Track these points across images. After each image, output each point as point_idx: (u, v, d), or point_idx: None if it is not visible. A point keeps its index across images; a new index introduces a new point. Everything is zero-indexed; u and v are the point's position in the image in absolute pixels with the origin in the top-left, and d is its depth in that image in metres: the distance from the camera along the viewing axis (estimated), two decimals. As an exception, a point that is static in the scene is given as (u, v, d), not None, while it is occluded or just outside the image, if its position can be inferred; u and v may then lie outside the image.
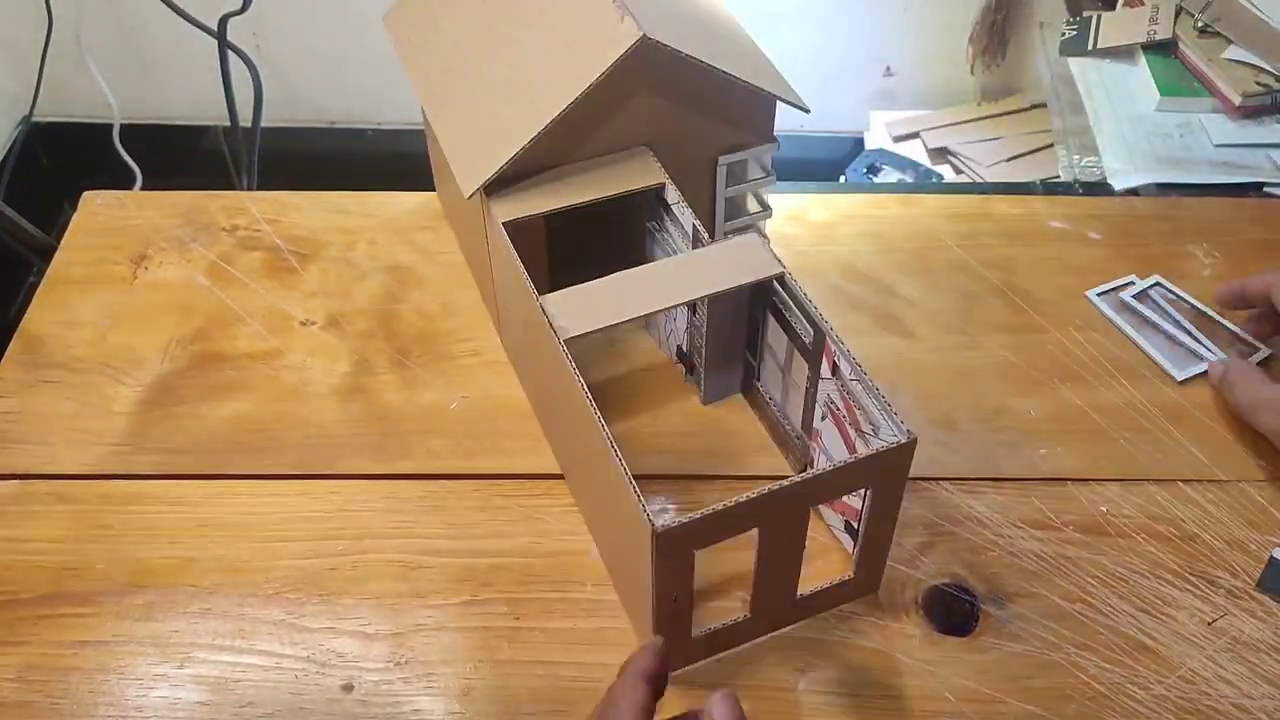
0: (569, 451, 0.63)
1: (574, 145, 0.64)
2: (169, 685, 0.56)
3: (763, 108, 0.67)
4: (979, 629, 0.59)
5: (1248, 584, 0.60)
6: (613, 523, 0.56)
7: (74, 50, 1.63)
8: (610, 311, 0.57)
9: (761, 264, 0.59)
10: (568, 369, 0.54)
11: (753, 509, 0.49)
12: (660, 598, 0.51)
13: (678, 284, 0.59)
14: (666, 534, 0.47)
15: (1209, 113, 1.08)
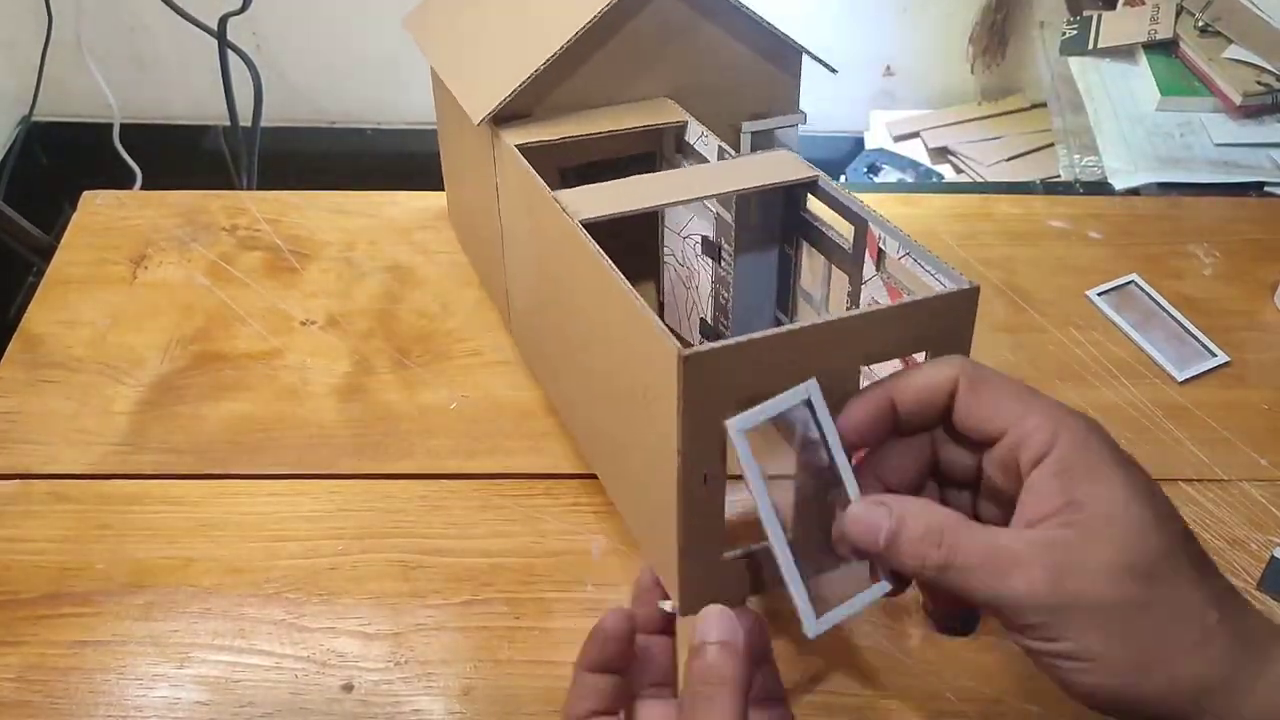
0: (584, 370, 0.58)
1: (593, 91, 0.61)
2: (169, 685, 0.56)
3: (789, 65, 0.65)
4: (981, 628, 0.58)
5: (1249, 583, 0.60)
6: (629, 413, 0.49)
7: (74, 50, 1.63)
8: (627, 201, 0.53)
9: (794, 170, 0.55)
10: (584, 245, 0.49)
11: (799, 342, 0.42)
12: (688, 471, 0.43)
13: (702, 183, 0.55)
14: (695, 358, 0.40)
15: (1209, 112, 1.08)
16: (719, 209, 0.61)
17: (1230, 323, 0.75)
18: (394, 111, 1.73)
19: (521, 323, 0.69)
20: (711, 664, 0.42)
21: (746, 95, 0.65)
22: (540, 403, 0.70)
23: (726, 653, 0.43)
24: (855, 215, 0.54)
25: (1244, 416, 0.69)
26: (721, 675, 0.42)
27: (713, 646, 0.43)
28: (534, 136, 0.59)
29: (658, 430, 0.44)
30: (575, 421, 0.63)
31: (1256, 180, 0.98)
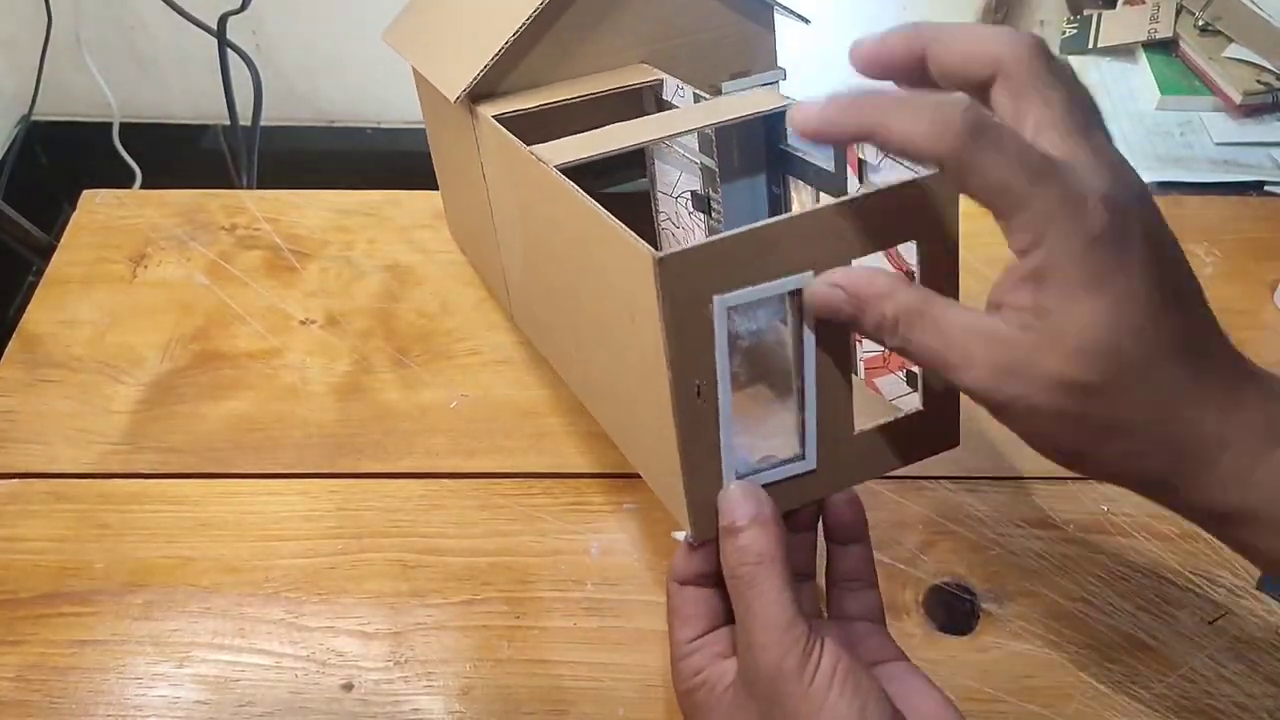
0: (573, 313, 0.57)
1: (564, 61, 0.61)
2: (168, 684, 0.56)
3: (762, 19, 0.65)
4: (980, 628, 0.58)
5: (1248, 583, 0.60)
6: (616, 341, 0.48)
7: (73, 49, 1.63)
8: (601, 145, 0.52)
9: (768, 100, 0.55)
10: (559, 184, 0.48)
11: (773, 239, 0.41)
12: (679, 383, 0.41)
13: (676, 122, 0.54)
14: (670, 260, 0.39)
15: (1210, 111, 1.08)
16: (702, 158, 0.60)
17: (1230, 322, 0.74)
18: (394, 111, 1.73)
19: (518, 297, 0.70)
20: (745, 544, 0.42)
21: (723, 55, 0.65)
22: (540, 402, 0.70)
23: (757, 528, 0.42)
24: None
25: (1244, 415, 0.69)
26: (759, 553, 0.42)
27: (738, 526, 0.42)
28: (510, 107, 0.59)
29: (646, 348, 0.43)
30: (574, 374, 0.62)
31: (1257, 179, 0.98)
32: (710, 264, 0.40)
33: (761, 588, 0.41)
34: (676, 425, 0.42)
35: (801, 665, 0.40)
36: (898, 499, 0.64)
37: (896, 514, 0.63)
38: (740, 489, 0.43)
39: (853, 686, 0.40)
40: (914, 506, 0.64)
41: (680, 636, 0.45)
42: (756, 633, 0.41)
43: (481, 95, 0.61)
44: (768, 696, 0.40)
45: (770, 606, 0.41)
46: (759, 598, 0.41)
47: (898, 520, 0.63)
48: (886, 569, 0.61)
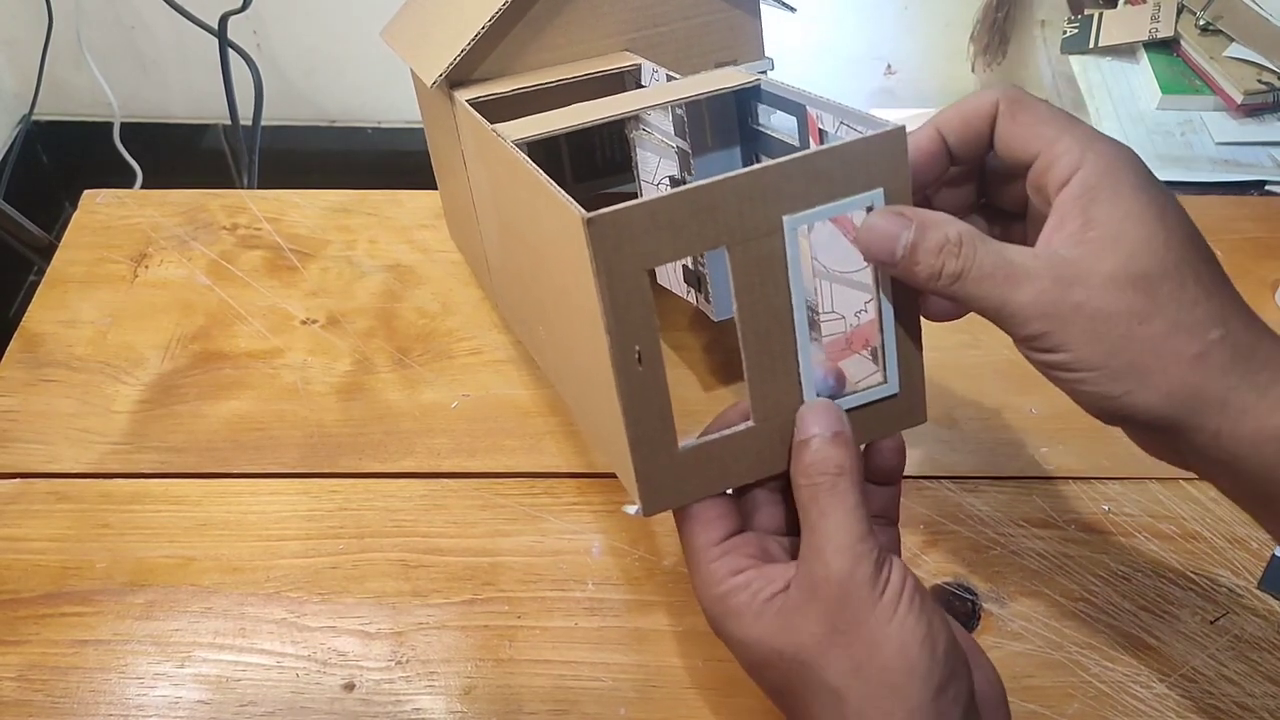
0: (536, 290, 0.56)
1: (545, 48, 0.62)
2: (170, 684, 0.56)
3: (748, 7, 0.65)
4: (981, 628, 0.58)
5: (1250, 582, 0.60)
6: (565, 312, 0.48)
7: (74, 49, 1.63)
8: (562, 121, 0.52)
9: (736, 78, 0.54)
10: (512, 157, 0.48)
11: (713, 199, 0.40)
12: (619, 349, 0.41)
13: (641, 100, 0.55)
14: (600, 220, 0.38)
15: (1210, 111, 1.08)
16: (677, 141, 0.61)
17: (1231, 321, 0.75)
18: (395, 110, 1.73)
19: (498, 282, 0.70)
20: (823, 456, 0.42)
21: (707, 43, 0.65)
22: (541, 402, 0.70)
23: (837, 442, 0.43)
24: (793, 104, 0.52)
25: (1245, 415, 0.69)
26: (838, 464, 0.42)
27: (818, 439, 0.43)
28: (485, 91, 0.59)
29: (588, 316, 0.42)
30: (546, 357, 0.61)
31: (1257, 179, 0.98)
32: (644, 225, 0.39)
33: (842, 495, 0.41)
34: (619, 393, 0.41)
35: (874, 577, 0.40)
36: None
37: (897, 514, 0.63)
38: (820, 404, 0.44)
39: (919, 603, 0.41)
40: (914, 506, 0.64)
41: (705, 539, 0.44)
42: (832, 539, 0.41)
43: (459, 81, 0.61)
44: (836, 601, 0.40)
45: (849, 515, 0.41)
46: (838, 505, 0.41)
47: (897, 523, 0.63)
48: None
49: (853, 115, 0.48)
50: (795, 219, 0.42)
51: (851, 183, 0.42)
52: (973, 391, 0.70)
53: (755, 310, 0.42)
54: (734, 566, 0.43)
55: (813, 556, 0.41)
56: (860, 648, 0.40)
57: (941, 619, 0.42)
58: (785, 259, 0.42)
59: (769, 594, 0.42)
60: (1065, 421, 0.68)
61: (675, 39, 0.64)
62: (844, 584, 0.40)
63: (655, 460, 0.43)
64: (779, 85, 0.53)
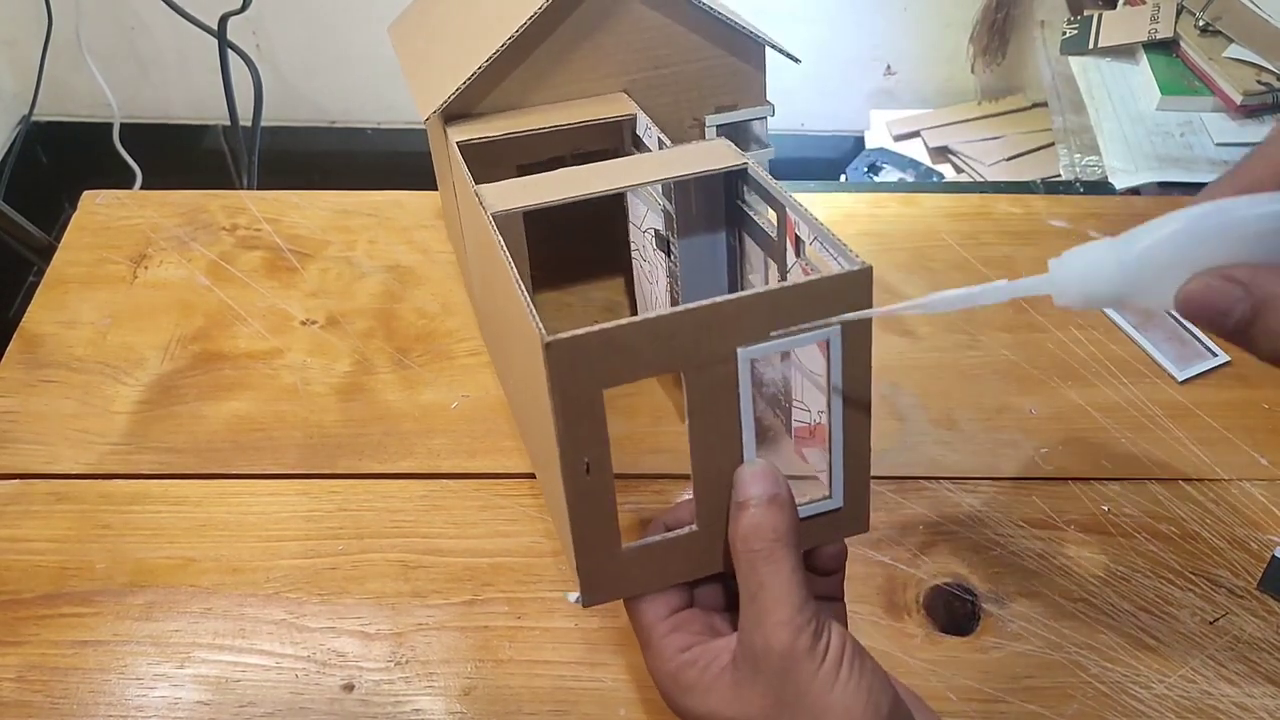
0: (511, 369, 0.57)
1: (544, 86, 0.62)
2: (169, 685, 0.56)
3: (750, 57, 0.65)
4: (980, 628, 0.59)
5: (1249, 583, 0.60)
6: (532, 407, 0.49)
7: (74, 49, 1.63)
8: (545, 193, 0.53)
9: (723, 157, 0.55)
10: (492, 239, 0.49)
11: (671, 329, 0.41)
12: (568, 460, 0.42)
13: (628, 174, 0.55)
14: (558, 345, 0.40)
15: (1210, 111, 1.08)
16: (664, 201, 0.61)
17: (1231, 322, 0.75)
18: (394, 111, 1.73)
19: (481, 316, 0.70)
20: (759, 521, 0.42)
21: (708, 88, 0.65)
22: (540, 402, 0.70)
23: (774, 505, 0.42)
24: (775, 202, 0.53)
25: (1244, 416, 0.69)
26: (775, 529, 0.42)
27: (754, 502, 0.43)
28: (479, 133, 0.59)
29: (545, 418, 0.43)
30: (517, 417, 0.63)
31: (1257, 179, 0.98)
32: (602, 350, 0.40)
33: (778, 564, 0.41)
34: (566, 500, 0.43)
35: (813, 645, 0.41)
36: (898, 499, 0.64)
37: (896, 514, 0.63)
38: (758, 467, 0.44)
39: (860, 668, 0.41)
40: (914, 506, 0.64)
41: (654, 616, 0.45)
42: (770, 610, 0.41)
43: (456, 115, 0.61)
44: (778, 674, 0.41)
45: (786, 584, 0.41)
46: (775, 575, 0.41)
47: (898, 520, 0.63)
48: (887, 569, 0.61)
49: (827, 236, 0.47)
50: (749, 351, 0.43)
51: (810, 317, 0.43)
52: (973, 391, 0.70)
53: (705, 428, 0.44)
54: (682, 644, 0.44)
55: (753, 629, 0.42)
56: (805, 717, 0.40)
57: (883, 681, 0.42)
58: (737, 386, 0.43)
59: (717, 669, 0.43)
60: (1064, 422, 0.68)
61: (676, 81, 0.64)
62: (785, 657, 0.41)
63: (597, 559, 0.45)
64: (764, 178, 0.54)
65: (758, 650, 0.41)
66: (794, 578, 0.41)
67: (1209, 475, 0.66)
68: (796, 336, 0.43)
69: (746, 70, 0.65)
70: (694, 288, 0.62)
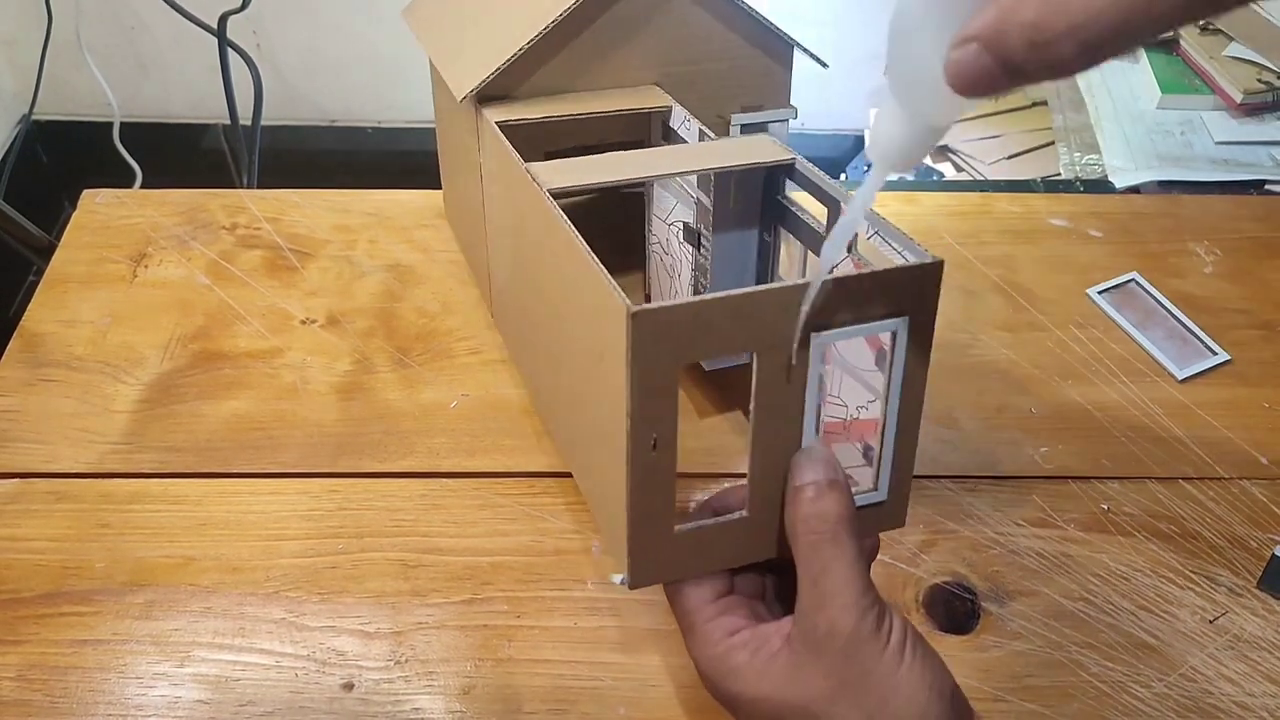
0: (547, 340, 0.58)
1: (578, 75, 0.62)
2: (169, 684, 0.56)
3: (780, 57, 0.65)
4: (980, 627, 0.58)
5: (1249, 582, 0.60)
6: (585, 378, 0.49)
7: (74, 48, 1.63)
8: (597, 174, 0.53)
9: (771, 152, 0.55)
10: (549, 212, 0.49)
11: (752, 306, 0.41)
12: (637, 434, 0.42)
13: (676, 161, 0.55)
14: (644, 315, 0.40)
15: (1210, 110, 1.08)
16: (699, 194, 0.61)
17: (1231, 321, 0.75)
18: (395, 110, 1.73)
19: (500, 302, 0.70)
20: (821, 506, 0.42)
21: (737, 86, 0.65)
22: (540, 401, 0.70)
23: (834, 490, 0.43)
24: (829, 197, 0.53)
25: (1245, 415, 0.69)
26: (838, 514, 0.42)
27: (813, 487, 0.43)
28: (515, 115, 0.60)
29: (609, 392, 0.43)
30: (541, 400, 0.63)
31: (1257, 178, 0.98)
32: (684, 324, 0.40)
33: (843, 548, 0.41)
34: (629, 474, 0.43)
35: (877, 628, 0.41)
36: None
37: (897, 513, 0.63)
38: (818, 452, 0.44)
39: (923, 653, 0.41)
40: (914, 506, 0.63)
41: (699, 600, 0.45)
42: (835, 594, 0.41)
43: (490, 97, 0.60)
44: (842, 656, 0.41)
45: (850, 569, 0.41)
46: (839, 558, 0.41)
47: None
48: (887, 568, 0.61)
49: (888, 229, 0.48)
50: (823, 337, 0.43)
51: (882, 307, 0.43)
52: (973, 391, 0.70)
53: (769, 412, 0.44)
54: (730, 626, 0.44)
55: (815, 611, 0.41)
56: (870, 698, 0.40)
57: (943, 665, 0.42)
58: (806, 371, 0.43)
59: (769, 653, 0.43)
60: (1064, 421, 0.68)
61: (706, 78, 0.64)
62: (850, 640, 0.41)
63: (650, 539, 0.44)
64: (815, 172, 0.54)
65: (820, 633, 0.41)
66: (857, 563, 0.42)
67: (1209, 474, 0.65)
68: (869, 325, 0.43)
69: (775, 71, 0.66)
70: (721, 282, 0.62)
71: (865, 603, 0.41)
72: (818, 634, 0.41)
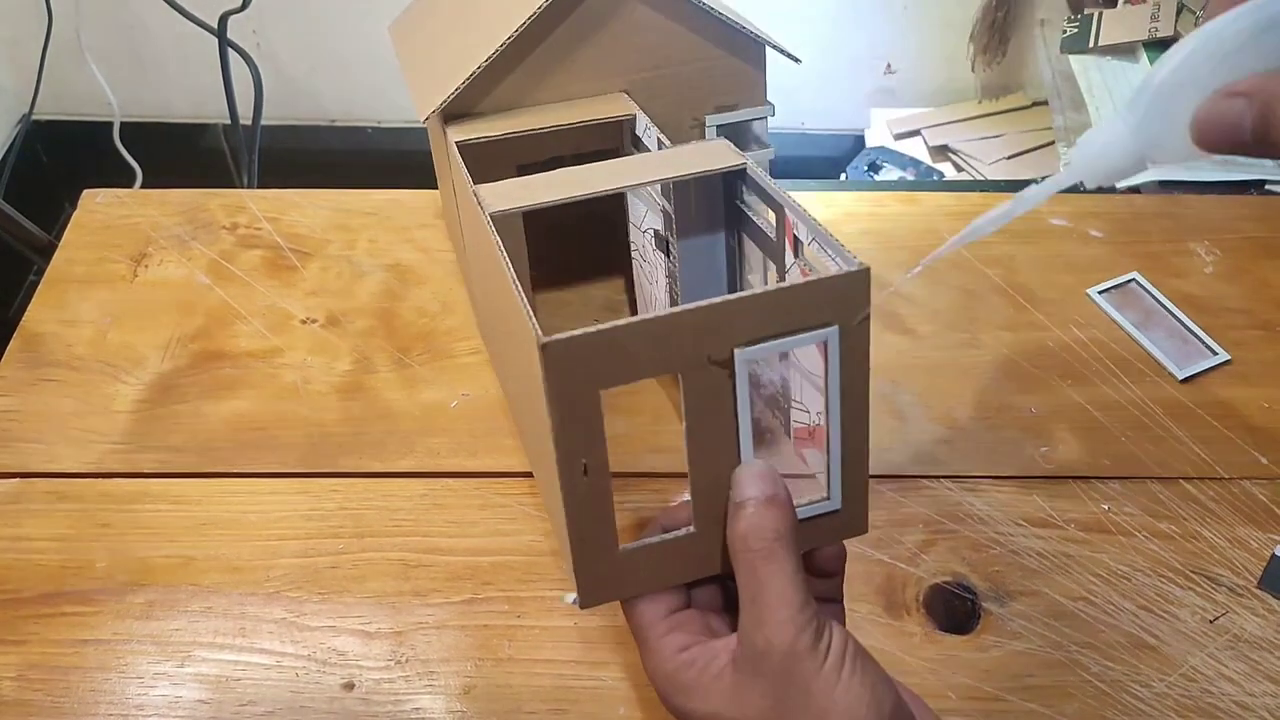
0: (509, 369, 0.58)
1: (544, 86, 0.62)
2: (170, 684, 0.56)
3: (751, 57, 0.65)
4: (980, 627, 0.59)
5: (1249, 581, 0.60)
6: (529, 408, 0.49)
7: (74, 48, 1.63)
8: (543, 194, 0.53)
9: (722, 158, 0.55)
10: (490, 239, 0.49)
11: (669, 330, 0.41)
12: (565, 461, 0.42)
13: (626, 174, 0.55)
14: (555, 345, 0.39)
15: (1210, 110, 1.08)
16: (663, 201, 0.61)
17: (1231, 321, 0.75)
18: (395, 110, 1.73)
19: (480, 315, 0.70)
20: (758, 522, 0.42)
21: (709, 88, 0.65)
22: (541, 401, 0.70)
23: (773, 505, 0.42)
24: (774, 202, 0.53)
25: (1245, 415, 0.69)
26: (775, 529, 0.42)
27: (753, 503, 0.43)
28: (478, 132, 0.60)
29: (540, 420, 0.43)
30: (515, 416, 0.63)
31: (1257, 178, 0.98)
32: (599, 351, 0.40)
33: (779, 563, 0.41)
34: (564, 501, 0.43)
35: (815, 644, 0.41)
36: (898, 498, 0.64)
37: (896, 513, 0.63)
38: (757, 468, 0.43)
39: (862, 667, 0.41)
40: (914, 506, 0.64)
41: (651, 616, 0.45)
42: (771, 610, 0.41)
43: (455, 115, 0.60)
44: (780, 674, 0.41)
45: (787, 584, 0.41)
46: (775, 574, 0.41)
47: (898, 519, 0.63)
48: (887, 568, 0.61)
49: (825, 237, 0.47)
50: (746, 353, 0.42)
51: (808, 318, 0.43)
52: (973, 391, 0.70)
53: (703, 430, 0.44)
54: (680, 644, 0.44)
55: (754, 629, 0.41)
56: (808, 716, 0.40)
57: (884, 680, 0.42)
58: (734, 388, 0.43)
59: (716, 669, 0.42)
60: (1065, 421, 0.68)
61: (677, 82, 0.64)
62: (786, 657, 0.40)
63: (594, 560, 0.45)
64: (763, 178, 0.54)
65: (759, 650, 0.41)
66: (795, 577, 0.41)
67: (1209, 474, 0.65)
68: (794, 338, 0.43)
69: (747, 71, 0.65)
70: (693, 288, 0.62)
71: (802, 619, 0.41)
72: (757, 651, 0.41)
